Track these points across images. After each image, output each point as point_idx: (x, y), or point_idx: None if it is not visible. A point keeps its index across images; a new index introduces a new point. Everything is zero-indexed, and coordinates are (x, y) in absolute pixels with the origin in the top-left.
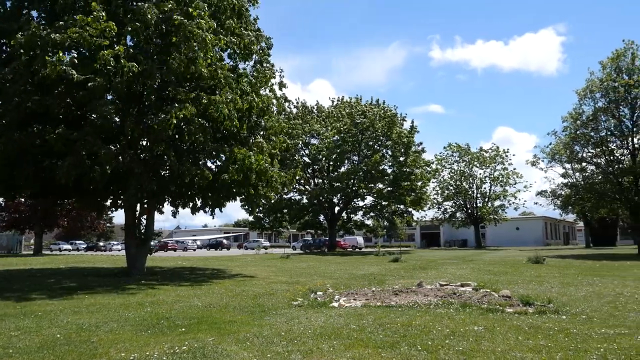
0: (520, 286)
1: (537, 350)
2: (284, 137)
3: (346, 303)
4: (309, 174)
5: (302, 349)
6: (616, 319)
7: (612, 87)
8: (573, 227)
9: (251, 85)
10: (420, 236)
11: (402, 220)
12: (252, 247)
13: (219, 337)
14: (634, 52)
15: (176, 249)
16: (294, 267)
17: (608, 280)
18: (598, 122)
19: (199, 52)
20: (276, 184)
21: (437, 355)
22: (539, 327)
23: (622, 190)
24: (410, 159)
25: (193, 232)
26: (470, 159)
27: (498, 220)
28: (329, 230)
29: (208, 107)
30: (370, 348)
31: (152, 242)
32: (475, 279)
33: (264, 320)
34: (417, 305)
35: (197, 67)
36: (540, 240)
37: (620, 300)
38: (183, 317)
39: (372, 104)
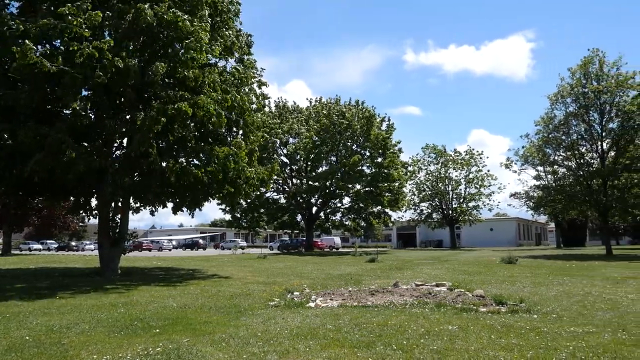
0: (494, 286)
1: (510, 349)
2: (262, 132)
3: (323, 303)
4: (287, 174)
5: (278, 349)
6: (585, 317)
7: (582, 93)
8: (545, 228)
9: (232, 84)
10: (396, 237)
11: (380, 220)
12: (229, 247)
13: (194, 338)
14: (601, 59)
15: (151, 249)
16: (270, 268)
17: (577, 280)
18: (569, 127)
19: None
20: (254, 182)
21: (412, 354)
22: (512, 326)
23: (591, 192)
24: (388, 159)
25: (169, 232)
26: (445, 160)
27: (473, 221)
28: (306, 230)
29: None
30: (346, 348)
31: (126, 241)
32: (450, 279)
33: (240, 320)
34: (393, 305)
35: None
36: (513, 241)
37: (588, 300)
38: (157, 318)
39: (351, 105)
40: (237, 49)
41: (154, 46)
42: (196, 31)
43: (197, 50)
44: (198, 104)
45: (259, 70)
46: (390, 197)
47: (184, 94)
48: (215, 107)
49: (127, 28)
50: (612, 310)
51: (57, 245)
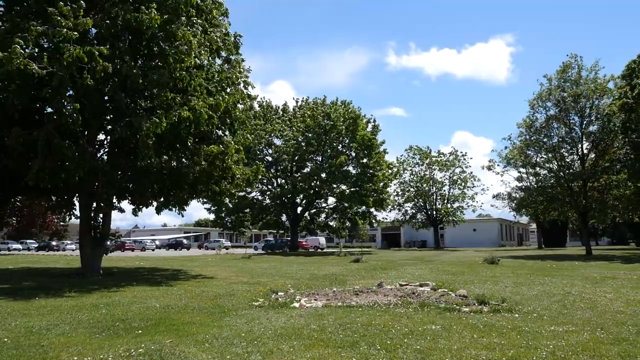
0: (477, 286)
1: (491, 348)
2: (247, 133)
3: (307, 303)
4: (272, 174)
5: (262, 349)
6: (565, 316)
7: (562, 97)
8: (526, 228)
9: (219, 84)
10: (381, 237)
11: (364, 221)
12: (213, 247)
13: (177, 338)
14: (579, 64)
15: (134, 249)
16: (255, 268)
17: (558, 280)
18: (550, 129)
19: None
20: (240, 182)
21: (395, 354)
22: (493, 326)
23: (572, 194)
24: (373, 160)
25: (152, 232)
26: (430, 162)
27: (456, 221)
28: (291, 230)
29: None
30: (330, 348)
31: (108, 241)
32: (433, 279)
33: (224, 321)
34: (377, 305)
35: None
36: (495, 242)
37: (568, 299)
38: (140, 318)
39: (337, 105)
40: (225, 50)
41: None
42: (187, 35)
43: (186, 54)
44: (193, 108)
45: (245, 71)
46: (375, 198)
47: (176, 96)
48: (207, 110)
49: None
50: (591, 310)
51: (37, 245)
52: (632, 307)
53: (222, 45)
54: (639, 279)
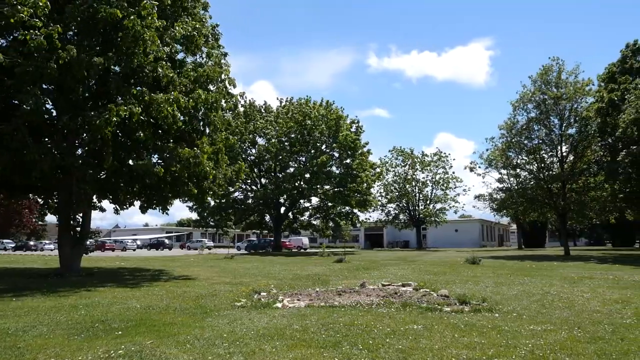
0: (458, 286)
1: (472, 347)
2: (228, 134)
3: (290, 303)
4: (255, 174)
5: (244, 350)
6: (543, 316)
7: (543, 99)
8: (507, 229)
9: (195, 82)
10: (364, 237)
11: (348, 221)
12: (195, 247)
13: (158, 340)
14: (560, 67)
15: (114, 248)
16: (237, 268)
17: (537, 279)
18: (531, 131)
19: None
20: (221, 182)
21: (377, 354)
22: (474, 325)
23: (551, 195)
24: (357, 161)
25: (133, 231)
26: (413, 162)
27: (438, 222)
28: (274, 230)
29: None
30: (313, 348)
31: (88, 241)
32: (416, 279)
33: (206, 321)
34: (360, 305)
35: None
36: (477, 242)
37: (547, 299)
38: (120, 319)
39: (320, 105)
40: (204, 43)
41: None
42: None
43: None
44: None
45: (227, 65)
46: (358, 198)
47: (143, 90)
48: (174, 108)
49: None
50: (568, 309)
51: (14, 244)
52: (608, 306)
53: (196, 35)
54: (614, 279)
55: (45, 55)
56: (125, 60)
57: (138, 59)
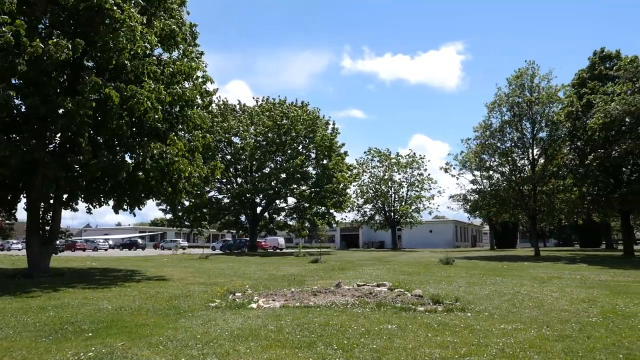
0: (432, 286)
1: (445, 346)
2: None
3: (265, 304)
4: (231, 173)
5: (218, 351)
6: (514, 315)
7: (516, 103)
8: (480, 230)
9: (172, 77)
10: (340, 237)
11: (324, 221)
12: (169, 247)
13: (129, 341)
14: (535, 71)
15: (85, 248)
16: (212, 268)
17: (508, 279)
18: (504, 134)
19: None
20: (196, 180)
21: (352, 353)
22: (447, 324)
23: (522, 197)
24: (333, 162)
25: (105, 231)
26: (389, 163)
27: (413, 223)
28: (250, 230)
29: (129, 98)
30: (288, 348)
31: (57, 240)
32: (390, 279)
33: (179, 322)
34: (335, 305)
35: (121, 58)
36: (450, 243)
37: (517, 298)
38: (90, 321)
39: (296, 106)
40: (181, 40)
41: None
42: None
43: (130, 38)
44: (131, 94)
45: (203, 63)
46: (335, 199)
47: (120, 85)
48: (153, 100)
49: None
50: (538, 308)
51: None
52: (576, 305)
53: (178, 29)
54: (582, 278)
55: (13, 52)
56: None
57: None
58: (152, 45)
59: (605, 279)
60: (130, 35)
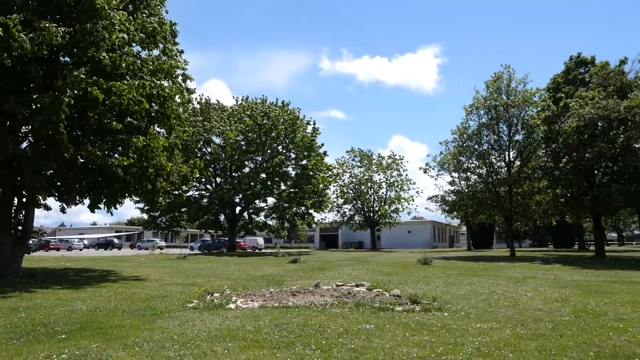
0: (410, 286)
1: (422, 346)
2: (185, 128)
3: (243, 304)
4: (210, 173)
5: (195, 352)
6: (490, 314)
7: (493, 106)
8: (457, 231)
9: (152, 75)
10: (319, 238)
11: (303, 222)
12: (146, 247)
13: (104, 343)
14: (511, 75)
15: (59, 248)
16: (190, 268)
17: (484, 279)
18: (481, 137)
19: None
20: (175, 178)
21: (330, 353)
22: (424, 324)
23: (498, 198)
24: (313, 162)
25: (80, 230)
26: (370, 164)
27: (392, 223)
28: (229, 230)
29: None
30: (266, 349)
31: (30, 240)
32: (369, 279)
33: (156, 323)
34: (314, 306)
35: (99, 51)
36: (428, 243)
37: (493, 298)
38: (64, 322)
39: (276, 106)
40: (161, 39)
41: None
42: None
43: (109, 30)
44: (113, 90)
45: (183, 63)
46: (314, 200)
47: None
48: (135, 94)
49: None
50: (513, 308)
51: None
52: (549, 304)
53: (159, 28)
54: (555, 278)
55: None
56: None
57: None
58: (130, 37)
59: (577, 279)
60: (109, 25)
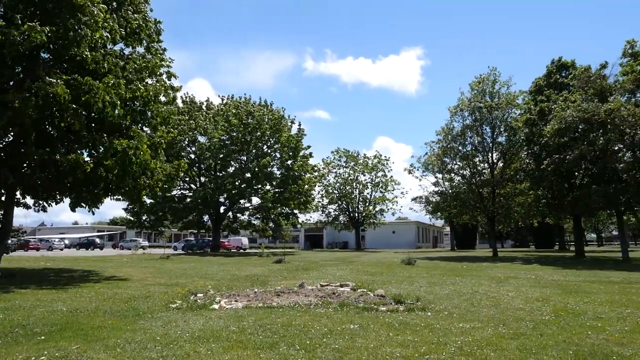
0: (394, 286)
1: (405, 345)
2: (170, 127)
3: (227, 305)
4: (195, 172)
5: (178, 353)
6: (472, 314)
7: (478, 107)
8: (441, 231)
9: (137, 73)
10: (304, 238)
11: (288, 222)
12: (129, 247)
13: (85, 344)
14: (496, 77)
15: (39, 248)
16: (174, 268)
17: (467, 279)
18: (465, 138)
19: (86, 29)
20: (160, 178)
21: (314, 353)
22: (408, 324)
23: (482, 199)
24: (298, 163)
25: (61, 230)
26: (354, 164)
27: (377, 224)
28: (213, 230)
29: (86, 93)
30: (250, 349)
31: (9, 240)
32: (353, 279)
33: (138, 324)
34: (298, 306)
35: (80, 48)
36: (413, 243)
37: (476, 298)
38: (43, 323)
39: (261, 105)
40: (145, 36)
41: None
42: (86, 5)
43: (92, 28)
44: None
45: (167, 60)
46: (299, 200)
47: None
48: (112, 96)
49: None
50: (495, 307)
51: None
52: (530, 304)
53: (143, 25)
54: (536, 278)
55: None
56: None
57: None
58: (114, 36)
59: (557, 279)
60: (91, 23)
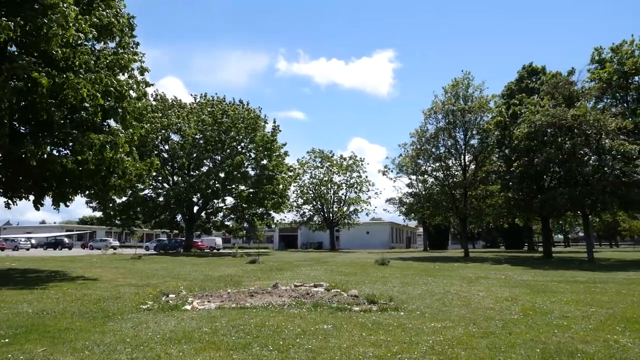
0: (367, 286)
1: (378, 345)
2: (142, 124)
3: (200, 305)
4: (167, 171)
5: (148, 355)
6: (444, 313)
7: (451, 110)
8: (414, 232)
9: (109, 68)
10: (278, 238)
11: (263, 222)
12: (99, 246)
13: (51, 347)
14: (469, 81)
15: (4, 248)
16: (145, 269)
17: (439, 279)
18: (438, 140)
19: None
20: (131, 176)
21: (287, 354)
22: (381, 324)
23: (454, 200)
24: (273, 163)
25: (27, 229)
26: (330, 165)
27: (351, 224)
28: (186, 230)
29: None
30: (222, 351)
31: None
32: (327, 279)
33: (107, 326)
34: (272, 306)
35: (51, 45)
36: (386, 244)
37: (447, 297)
38: (8, 326)
39: (236, 104)
40: (118, 32)
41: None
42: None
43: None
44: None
45: (139, 55)
46: (274, 200)
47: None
48: (89, 88)
49: None
50: (466, 307)
51: None
52: (500, 303)
53: (115, 21)
54: (506, 278)
55: None
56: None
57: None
58: (85, 34)
59: (526, 279)
60: (62, 21)
